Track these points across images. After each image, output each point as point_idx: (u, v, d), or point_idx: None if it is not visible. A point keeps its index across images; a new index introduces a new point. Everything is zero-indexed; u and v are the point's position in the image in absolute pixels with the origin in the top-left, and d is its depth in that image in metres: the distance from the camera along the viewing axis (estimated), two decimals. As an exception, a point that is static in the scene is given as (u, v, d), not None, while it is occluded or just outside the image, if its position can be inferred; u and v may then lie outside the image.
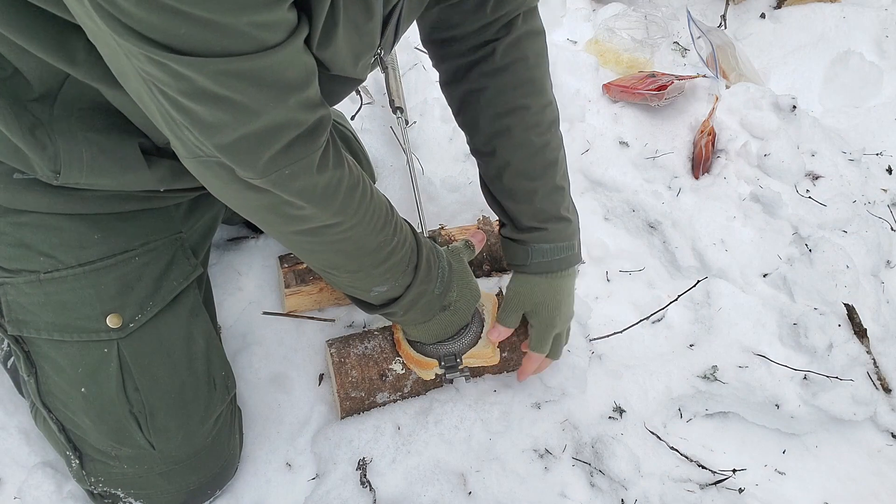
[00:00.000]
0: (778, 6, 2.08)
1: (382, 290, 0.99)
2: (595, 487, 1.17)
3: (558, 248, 1.09)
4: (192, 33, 0.59)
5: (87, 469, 1.04)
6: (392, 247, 0.94)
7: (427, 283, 1.02)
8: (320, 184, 0.79)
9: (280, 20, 0.64)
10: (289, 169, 0.74)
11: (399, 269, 0.97)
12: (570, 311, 1.15)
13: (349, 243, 0.89)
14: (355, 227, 0.87)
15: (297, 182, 0.77)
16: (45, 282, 0.95)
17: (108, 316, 0.97)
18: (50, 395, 1.01)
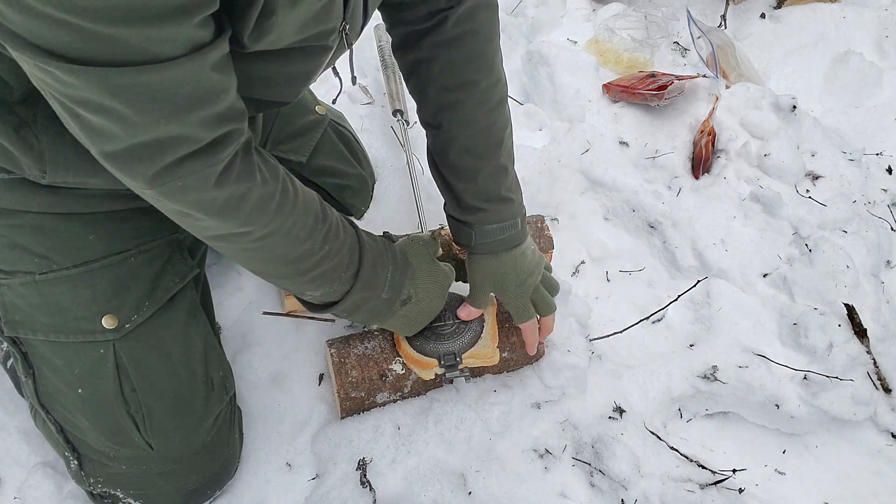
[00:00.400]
0: (778, 6, 2.08)
1: (315, 294, 0.98)
2: (595, 487, 1.17)
3: (501, 228, 1.08)
4: (77, 42, 0.58)
5: (85, 469, 1.04)
6: (320, 256, 0.91)
7: (371, 290, 1.00)
8: (220, 198, 0.76)
9: (179, 35, 0.62)
10: (181, 181, 0.72)
11: (332, 278, 0.95)
12: (533, 272, 1.12)
13: (264, 251, 0.87)
14: (268, 238, 0.84)
15: (190, 195, 0.74)
16: (41, 283, 0.95)
17: (104, 317, 0.97)
18: (48, 396, 1.01)
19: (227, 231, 0.82)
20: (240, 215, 0.79)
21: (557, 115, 1.70)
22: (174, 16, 0.59)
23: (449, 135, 1.05)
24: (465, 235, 1.10)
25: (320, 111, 1.33)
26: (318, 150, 1.31)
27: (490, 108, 1.04)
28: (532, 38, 1.91)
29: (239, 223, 0.80)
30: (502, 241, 1.09)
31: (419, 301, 1.08)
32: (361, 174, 1.38)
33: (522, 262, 1.11)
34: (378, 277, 1.01)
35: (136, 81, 0.62)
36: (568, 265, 1.51)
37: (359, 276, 0.97)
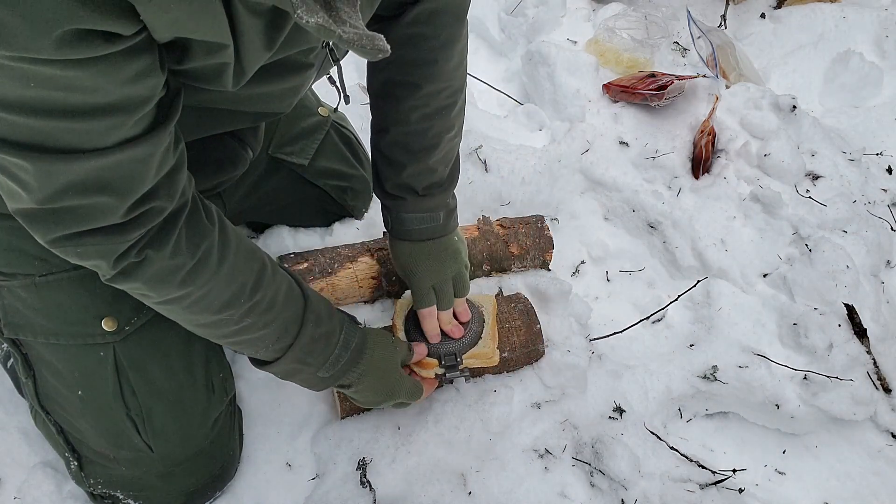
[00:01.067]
0: (778, 6, 2.08)
1: (247, 353, 0.97)
2: (595, 487, 1.17)
3: (418, 218, 1.09)
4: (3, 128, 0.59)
5: (86, 471, 1.04)
6: (239, 328, 0.89)
7: (303, 364, 0.97)
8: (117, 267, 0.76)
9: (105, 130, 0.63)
10: (80, 249, 0.73)
11: (255, 346, 0.93)
12: (445, 265, 1.12)
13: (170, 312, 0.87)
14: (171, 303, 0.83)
15: (88, 261, 0.75)
16: (40, 285, 0.94)
17: (104, 319, 0.97)
18: (48, 398, 1.01)
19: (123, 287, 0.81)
20: (135, 280, 0.78)
21: (557, 115, 1.70)
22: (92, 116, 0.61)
23: (383, 124, 1.06)
24: (385, 218, 1.13)
25: (323, 113, 1.33)
26: (320, 152, 1.31)
27: (427, 113, 1.02)
28: (532, 38, 1.91)
29: (133, 287, 0.80)
30: (419, 230, 1.10)
31: (358, 392, 1.05)
32: (363, 175, 1.38)
33: (436, 253, 1.12)
34: (315, 356, 0.97)
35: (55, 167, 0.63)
36: (568, 265, 1.51)
37: (290, 351, 0.94)
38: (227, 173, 1.07)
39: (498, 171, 1.50)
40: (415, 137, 1.04)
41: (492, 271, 1.35)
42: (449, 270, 1.13)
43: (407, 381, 1.08)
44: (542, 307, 1.30)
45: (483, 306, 1.19)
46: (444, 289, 1.13)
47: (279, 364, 0.96)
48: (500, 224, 1.37)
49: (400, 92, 1.02)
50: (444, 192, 1.10)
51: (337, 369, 0.99)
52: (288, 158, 1.26)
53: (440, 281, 1.12)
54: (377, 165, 1.10)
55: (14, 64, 0.54)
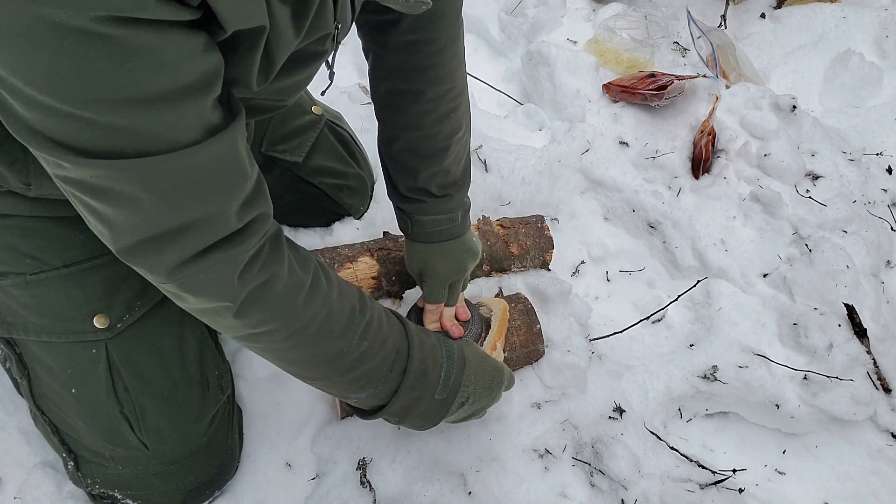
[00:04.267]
0: (778, 6, 2.08)
1: (360, 396, 0.92)
2: (595, 487, 1.17)
3: (436, 220, 1.09)
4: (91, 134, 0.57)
5: (82, 471, 1.04)
6: (359, 353, 0.86)
7: (421, 390, 0.93)
8: (243, 291, 0.73)
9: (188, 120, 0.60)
10: (203, 274, 0.69)
11: (375, 377, 0.89)
12: (462, 263, 1.14)
13: (295, 350, 0.83)
14: (298, 335, 0.80)
15: (212, 288, 0.71)
16: (32, 283, 0.95)
17: (95, 316, 0.97)
18: (43, 397, 1.02)
19: (252, 330, 0.77)
20: (263, 309, 0.75)
21: (557, 115, 1.70)
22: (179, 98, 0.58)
23: (392, 132, 1.05)
24: (402, 223, 1.12)
25: (316, 111, 1.33)
26: (315, 151, 1.31)
27: (436, 117, 1.02)
28: (532, 38, 1.91)
29: (263, 318, 0.76)
30: (439, 232, 1.10)
31: (475, 402, 1.01)
32: (360, 174, 1.38)
33: (453, 253, 1.13)
34: (429, 376, 0.94)
35: (155, 169, 0.60)
36: (568, 265, 1.51)
37: (407, 374, 0.91)
38: None
39: (498, 171, 1.50)
40: (426, 142, 1.04)
41: (492, 271, 1.35)
42: (467, 267, 1.15)
43: (501, 366, 1.05)
44: (542, 307, 1.30)
45: (491, 311, 1.19)
46: (457, 286, 1.15)
47: (399, 396, 0.92)
48: (500, 224, 1.37)
49: (405, 99, 1.02)
50: (459, 191, 1.11)
51: (451, 385, 0.96)
52: (281, 156, 1.26)
53: (456, 279, 1.14)
54: (390, 172, 1.09)
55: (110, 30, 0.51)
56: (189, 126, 0.61)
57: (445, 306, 1.16)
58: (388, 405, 0.93)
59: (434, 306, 1.15)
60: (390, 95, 1.03)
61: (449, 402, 0.97)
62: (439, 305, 1.15)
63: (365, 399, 0.92)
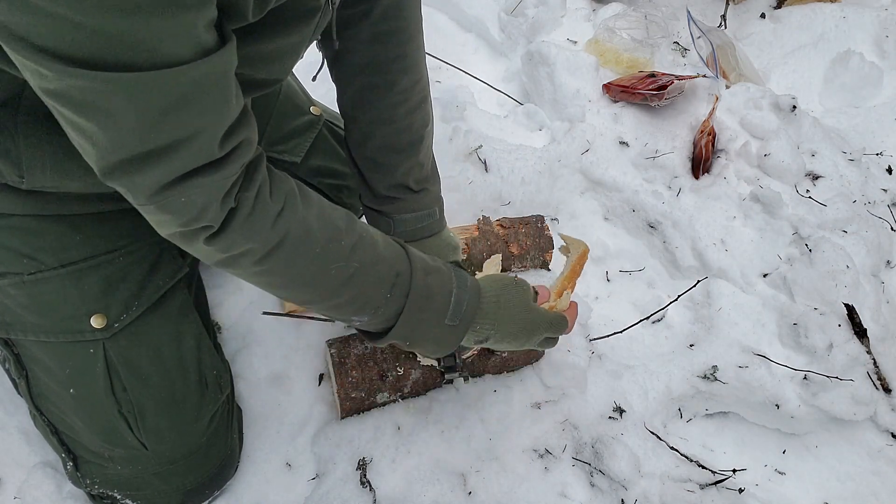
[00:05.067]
0: (778, 6, 2.08)
1: (363, 318, 0.90)
2: (595, 487, 1.17)
3: (418, 216, 1.10)
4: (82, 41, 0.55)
5: (82, 471, 1.04)
6: (349, 275, 0.85)
7: (428, 313, 0.92)
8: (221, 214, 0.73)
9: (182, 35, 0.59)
10: (184, 197, 0.69)
11: (374, 298, 0.88)
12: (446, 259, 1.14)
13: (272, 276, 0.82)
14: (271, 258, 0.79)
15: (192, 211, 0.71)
16: (29, 283, 0.95)
17: (93, 316, 0.97)
18: (41, 397, 1.02)
19: (227, 254, 0.77)
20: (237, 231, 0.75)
21: (557, 115, 1.70)
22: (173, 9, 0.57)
23: (366, 130, 1.05)
24: (384, 224, 1.11)
25: (315, 112, 1.34)
26: (313, 151, 1.31)
27: (409, 108, 1.03)
28: (532, 38, 1.91)
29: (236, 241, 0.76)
30: (421, 229, 1.11)
31: (498, 338, 0.97)
32: None
33: (440, 249, 1.13)
34: (435, 300, 0.92)
35: (144, 85, 0.59)
36: (568, 265, 1.51)
37: (410, 296, 0.89)
38: None
39: (498, 171, 1.50)
40: (401, 135, 1.05)
41: (492, 271, 1.35)
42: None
43: (545, 313, 1.00)
44: (542, 307, 1.30)
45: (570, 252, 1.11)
46: None
47: (404, 318, 0.90)
48: (500, 224, 1.37)
49: (378, 93, 1.02)
50: (434, 185, 1.12)
51: (463, 313, 0.93)
52: (279, 157, 1.27)
53: None
54: (366, 175, 1.10)
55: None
56: (181, 43, 0.60)
57: None
58: (394, 327, 0.91)
59: None
60: (362, 91, 1.03)
61: (461, 331, 0.94)
62: None
63: (369, 321, 0.91)
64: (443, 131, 1.60)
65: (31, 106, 0.82)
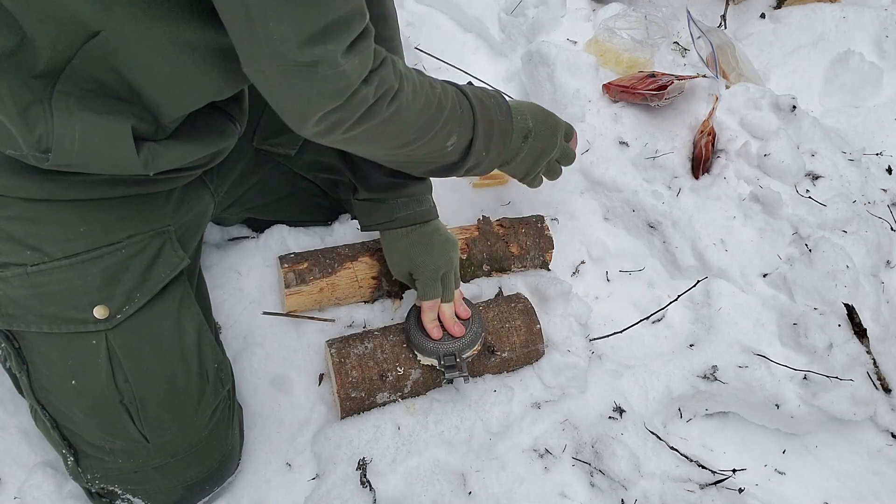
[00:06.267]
0: (778, 6, 2.08)
1: (454, 140, 1.03)
2: (595, 487, 1.17)
3: (416, 201, 1.16)
4: None
5: (82, 466, 1.04)
6: (438, 101, 0.98)
7: (487, 111, 1.07)
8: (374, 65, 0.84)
9: None
10: (357, 58, 0.80)
11: (457, 115, 1.02)
12: (446, 250, 1.18)
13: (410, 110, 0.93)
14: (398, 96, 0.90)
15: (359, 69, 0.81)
16: (33, 274, 0.95)
17: (96, 307, 0.97)
18: (43, 390, 1.02)
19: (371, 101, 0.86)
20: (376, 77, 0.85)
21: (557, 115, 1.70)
22: None
23: None
24: (383, 212, 1.16)
25: None
26: (309, 145, 1.31)
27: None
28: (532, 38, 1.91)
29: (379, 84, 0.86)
30: (419, 213, 1.16)
31: (538, 136, 1.16)
32: None
33: (436, 237, 1.18)
34: (486, 102, 1.07)
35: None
36: (568, 265, 1.51)
37: (473, 105, 1.04)
38: (217, 144, 1.07)
39: (498, 171, 1.50)
40: None
41: (492, 271, 1.35)
42: (452, 258, 1.18)
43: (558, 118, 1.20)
44: (542, 307, 1.30)
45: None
46: (449, 278, 1.17)
47: (478, 123, 1.05)
48: (500, 224, 1.37)
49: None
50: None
51: (504, 108, 1.11)
52: (274, 150, 1.27)
53: (447, 270, 1.16)
54: (359, 168, 1.15)
55: None
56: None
57: (443, 302, 1.16)
58: (474, 137, 1.05)
59: (431, 303, 1.15)
60: None
61: (509, 121, 1.12)
62: (436, 302, 1.16)
63: (458, 140, 1.04)
64: (443, 131, 1.60)
65: (71, 78, 0.82)
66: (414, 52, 1.82)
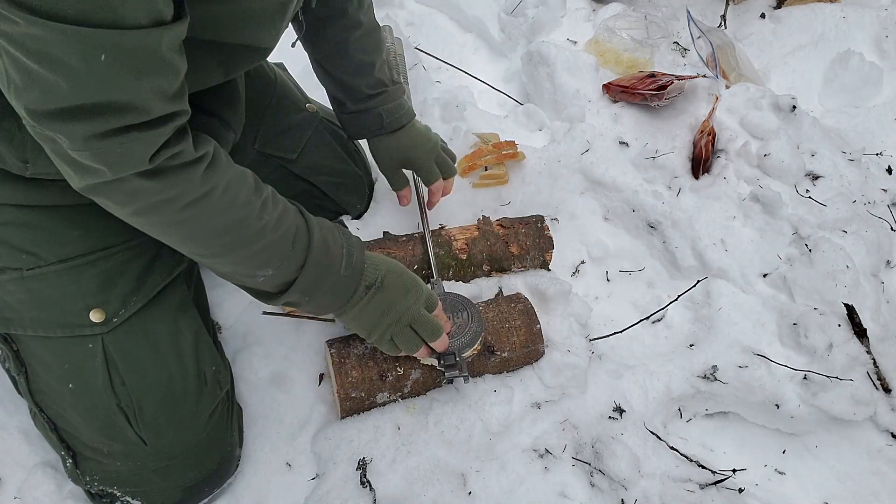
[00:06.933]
0: (778, 6, 2.08)
1: (268, 273, 0.92)
2: (595, 487, 1.17)
3: (399, 104, 1.27)
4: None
5: (81, 468, 1.04)
6: (260, 227, 0.88)
7: (327, 262, 0.96)
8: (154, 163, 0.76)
9: (143, 3, 0.65)
10: (120, 148, 0.72)
11: (280, 250, 0.91)
12: (430, 139, 1.31)
13: (195, 222, 0.84)
14: (199, 202, 0.81)
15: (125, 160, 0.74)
16: (28, 279, 0.95)
17: (91, 311, 0.97)
18: (40, 393, 1.02)
19: (154, 199, 0.79)
20: (168, 177, 0.78)
21: (557, 115, 1.70)
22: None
23: (339, 39, 1.19)
24: (373, 120, 1.26)
25: (311, 109, 1.34)
26: (310, 148, 1.31)
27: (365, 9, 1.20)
28: (532, 38, 1.91)
29: (166, 185, 0.78)
30: (403, 115, 1.27)
31: (385, 288, 1.01)
32: (356, 171, 1.38)
33: (423, 132, 1.31)
34: (332, 250, 0.97)
35: (102, 43, 0.64)
36: (568, 265, 1.51)
37: (311, 248, 0.94)
38: None
39: (498, 171, 1.50)
40: (371, 35, 1.22)
41: (492, 271, 1.35)
42: (436, 142, 1.31)
43: (419, 280, 1.06)
44: (542, 307, 1.30)
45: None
46: (442, 158, 1.32)
47: (307, 269, 0.94)
48: (500, 224, 1.37)
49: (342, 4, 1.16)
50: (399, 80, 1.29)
51: (355, 262, 0.99)
52: (275, 153, 1.28)
53: (437, 154, 1.31)
54: (344, 82, 1.23)
55: None
56: (140, 9, 0.65)
57: (445, 178, 1.32)
58: (296, 280, 0.94)
59: (438, 184, 1.31)
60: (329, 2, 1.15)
61: (354, 281, 0.99)
62: (440, 181, 1.31)
63: (273, 276, 0.93)
64: (443, 131, 1.60)
65: None
66: (414, 52, 1.82)
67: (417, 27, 2.06)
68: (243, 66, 1.00)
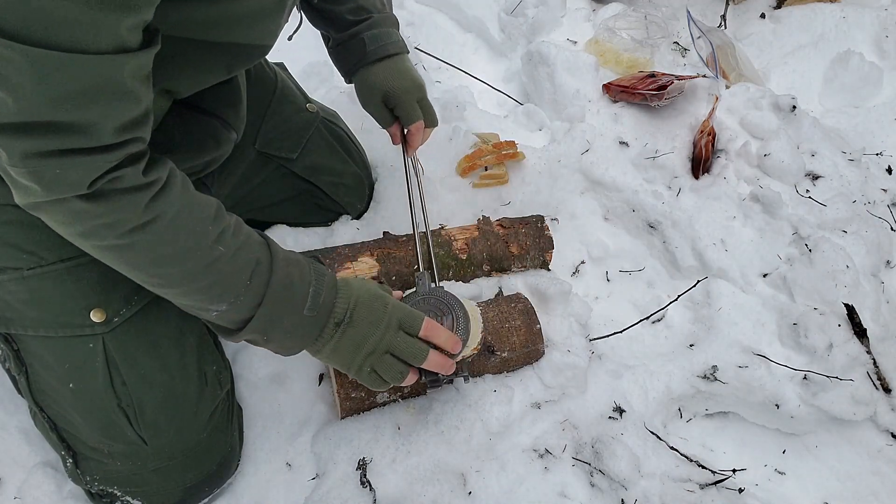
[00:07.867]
0: (778, 6, 2.08)
1: (221, 308, 0.87)
2: (595, 487, 1.17)
3: (386, 33, 1.20)
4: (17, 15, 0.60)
5: (81, 468, 1.04)
6: (212, 259, 0.84)
7: (287, 303, 0.90)
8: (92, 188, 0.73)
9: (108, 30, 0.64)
10: (59, 169, 0.70)
11: (233, 285, 0.86)
12: (417, 79, 1.23)
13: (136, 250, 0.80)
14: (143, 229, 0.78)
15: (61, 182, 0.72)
16: (29, 278, 0.95)
17: (92, 311, 0.97)
18: (41, 393, 1.02)
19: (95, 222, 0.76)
20: (109, 201, 0.75)
21: (557, 115, 1.70)
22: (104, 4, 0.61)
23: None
24: (356, 48, 1.19)
25: (311, 109, 1.34)
26: (310, 149, 1.31)
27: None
28: (532, 38, 1.91)
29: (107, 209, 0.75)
30: (393, 44, 1.20)
31: (354, 323, 0.94)
32: (356, 171, 1.38)
33: (410, 68, 1.22)
34: (296, 289, 0.90)
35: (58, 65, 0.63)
36: (568, 265, 1.51)
37: (270, 285, 0.88)
38: (212, 152, 1.07)
39: (498, 171, 1.50)
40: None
41: (492, 271, 1.35)
42: (422, 87, 1.24)
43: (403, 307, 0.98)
44: (542, 307, 1.30)
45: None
46: (427, 104, 1.25)
47: (263, 308, 0.88)
48: (500, 224, 1.37)
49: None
50: (390, 9, 1.24)
51: (323, 302, 0.92)
52: (275, 153, 1.27)
53: (421, 95, 1.23)
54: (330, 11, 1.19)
55: None
56: (102, 35, 0.64)
57: (428, 126, 1.25)
58: (253, 318, 0.88)
59: (417, 124, 1.22)
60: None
61: (321, 321, 0.92)
62: (420, 124, 1.22)
63: (227, 311, 0.88)
64: (443, 131, 1.60)
65: None
66: (414, 52, 1.82)
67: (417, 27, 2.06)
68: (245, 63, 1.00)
